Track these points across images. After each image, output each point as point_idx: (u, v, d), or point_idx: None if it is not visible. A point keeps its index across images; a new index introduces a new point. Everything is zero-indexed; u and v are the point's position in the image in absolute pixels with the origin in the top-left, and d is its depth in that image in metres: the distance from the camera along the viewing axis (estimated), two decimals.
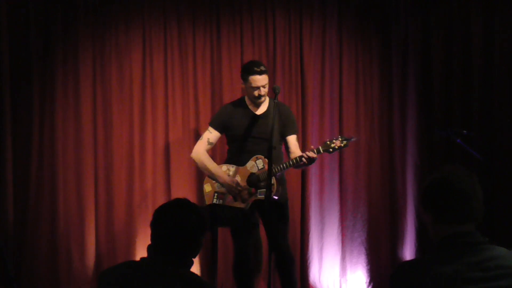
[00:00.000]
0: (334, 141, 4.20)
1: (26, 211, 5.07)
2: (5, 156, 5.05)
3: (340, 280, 5.22)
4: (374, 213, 5.27)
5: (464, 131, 4.68)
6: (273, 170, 4.11)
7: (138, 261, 2.33)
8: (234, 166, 4.41)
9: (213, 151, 4.88)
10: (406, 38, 5.29)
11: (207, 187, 4.48)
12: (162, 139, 5.20)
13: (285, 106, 4.58)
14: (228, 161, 4.49)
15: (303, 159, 4.15)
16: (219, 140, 4.58)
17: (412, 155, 5.27)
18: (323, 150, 4.18)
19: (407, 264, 2.15)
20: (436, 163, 5.18)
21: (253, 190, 4.34)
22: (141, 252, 5.02)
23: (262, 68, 4.30)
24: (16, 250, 5.03)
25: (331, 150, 4.20)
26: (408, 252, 5.22)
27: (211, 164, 4.43)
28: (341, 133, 5.25)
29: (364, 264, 5.22)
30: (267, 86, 4.34)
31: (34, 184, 5.08)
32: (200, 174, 5.18)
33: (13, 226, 5.05)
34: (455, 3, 5.28)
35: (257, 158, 4.35)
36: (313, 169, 5.18)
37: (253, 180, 4.34)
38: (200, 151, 4.46)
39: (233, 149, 4.48)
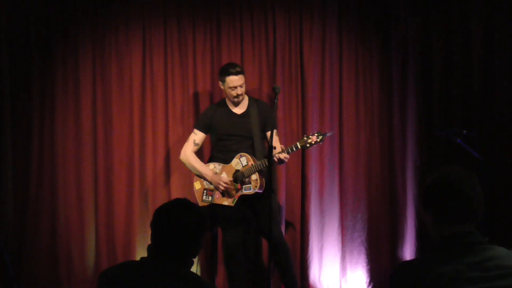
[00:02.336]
0: (310, 136, 4.41)
1: (26, 211, 5.07)
2: (5, 156, 5.06)
3: (340, 280, 5.21)
4: (374, 213, 5.26)
5: (464, 131, 4.68)
6: (256, 166, 4.48)
7: (138, 261, 2.33)
8: (221, 164, 4.66)
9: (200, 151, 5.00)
10: (406, 38, 5.29)
11: (197, 185, 4.74)
12: (162, 139, 5.19)
13: (264, 103, 4.85)
14: (214, 159, 4.74)
15: (274, 159, 4.35)
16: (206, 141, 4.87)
17: (412, 155, 5.26)
18: (300, 146, 4.42)
19: (407, 264, 2.15)
20: (436, 163, 5.17)
21: (238, 186, 4.57)
22: (141, 252, 5.02)
23: (238, 69, 4.63)
24: (16, 250, 5.03)
25: (308, 145, 4.42)
26: (408, 252, 5.21)
27: (198, 164, 4.70)
28: (340, 133, 5.26)
29: (364, 264, 5.22)
30: (244, 86, 4.66)
31: (34, 184, 5.09)
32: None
33: (13, 226, 5.06)
34: (455, 3, 5.27)
35: (241, 156, 4.59)
36: (313, 169, 5.18)
37: (238, 176, 4.57)
38: (187, 152, 4.74)
39: (218, 148, 4.74)
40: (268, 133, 4.65)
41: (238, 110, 4.73)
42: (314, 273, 5.19)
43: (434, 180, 2.06)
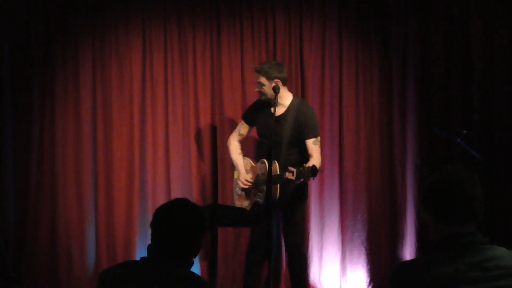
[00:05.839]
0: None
1: (26, 211, 5.07)
2: (5, 156, 5.06)
3: (340, 280, 5.21)
4: (374, 213, 5.26)
5: (464, 131, 4.68)
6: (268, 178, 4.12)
7: (138, 261, 2.33)
8: (251, 163, 4.56)
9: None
10: (406, 38, 5.29)
11: (236, 174, 4.68)
12: (162, 139, 5.19)
13: (305, 106, 4.54)
14: (256, 155, 4.66)
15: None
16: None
17: (412, 155, 5.26)
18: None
19: (407, 264, 2.16)
20: (436, 163, 5.17)
21: (256, 191, 4.46)
22: (141, 252, 5.02)
23: (257, 67, 4.52)
24: (16, 250, 5.03)
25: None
26: (408, 252, 5.22)
27: (234, 155, 4.66)
28: (340, 133, 5.26)
29: (364, 264, 5.22)
30: (260, 87, 4.45)
31: (34, 184, 5.08)
32: (200, 174, 5.20)
33: (13, 226, 5.06)
34: (455, 3, 5.28)
35: (262, 162, 4.43)
36: None
37: (257, 182, 4.46)
38: (231, 140, 4.73)
39: (258, 145, 4.67)
40: (306, 141, 4.39)
41: (277, 111, 4.40)
42: (314, 273, 5.19)
43: (434, 180, 2.05)
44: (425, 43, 5.29)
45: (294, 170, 4.05)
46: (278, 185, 4.24)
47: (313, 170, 3.98)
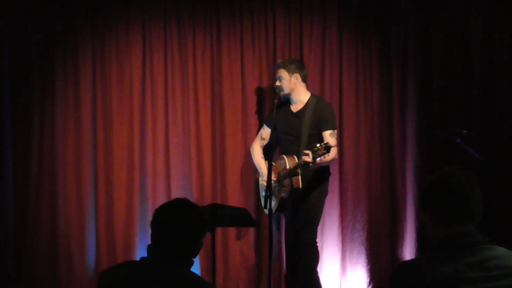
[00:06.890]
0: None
1: (26, 211, 5.07)
2: (5, 156, 5.06)
3: (340, 280, 5.21)
4: (374, 213, 5.26)
5: (464, 131, 4.68)
6: (290, 170, 4.34)
7: (138, 261, 2.33)
8: (273, 163, 4.54)
9: None
10: (406, 38, 5.29)
11: (260, 180, 4.77)
12: (162, 139, 5.19)
13: (323, 102, 4.72)
14: (279, 153, 4.71)
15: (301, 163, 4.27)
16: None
17: (412, 155, 5.26)
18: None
19: (407, 264, 2.16)
20: (436, 163, 5.17)
21: (280, 188, 4.50)
22: (141, 252, 5.02)
23: (279, 62, 4.68)
24: (16, 250, 5.04)
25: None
26: (408, 252, 5.22)
27: (257, 159, 4.81)
28: (340, 133, 5.24)
29: (364, 264, 5.22)
30: (283, 81, 4.61)
31: (34, 184, 5.08)
32: (200, 174, 5.20)
33: (13, 226, 5.06)
34: (455, 3, 5.28)
35: (282, 158, 4.52)
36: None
37: (278, 179, 4.52)
38: (253, 145, 4.87)
39: (280, 145, 4.73)
40: (323, 133, 4.54)
41: (295, 108, 4.68)
42: None
43: (433, 181, 2.06)
44: (425, 43, 5.29)
45: (310, 151, 4.18)
46: (300, 175, 4.37)
47: (327, 146, 4.12)
